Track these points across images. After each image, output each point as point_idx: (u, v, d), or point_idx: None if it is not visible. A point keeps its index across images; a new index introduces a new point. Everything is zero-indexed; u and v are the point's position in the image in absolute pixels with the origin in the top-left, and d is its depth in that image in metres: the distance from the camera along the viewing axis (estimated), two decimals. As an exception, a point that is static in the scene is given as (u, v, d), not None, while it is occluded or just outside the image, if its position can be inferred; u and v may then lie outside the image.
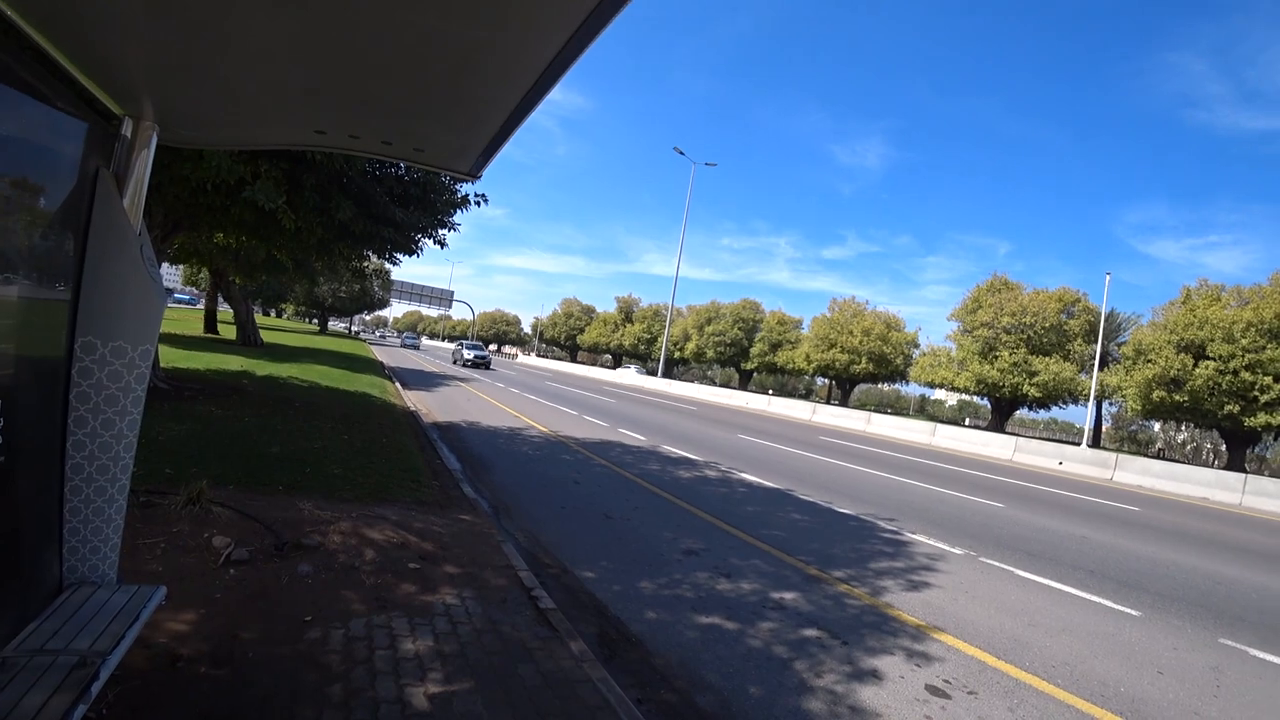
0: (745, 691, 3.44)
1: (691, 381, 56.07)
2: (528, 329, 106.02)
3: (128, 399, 2.22)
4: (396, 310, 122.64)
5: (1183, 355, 28.07)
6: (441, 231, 10.41)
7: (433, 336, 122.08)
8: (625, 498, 7.67)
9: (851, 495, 9.65)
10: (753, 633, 4.18)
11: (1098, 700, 3.81)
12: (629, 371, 57.11)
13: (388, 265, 39.00)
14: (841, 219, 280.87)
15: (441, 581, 4.10)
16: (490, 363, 40.17)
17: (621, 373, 55.68)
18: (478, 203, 10.00)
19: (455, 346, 46.51)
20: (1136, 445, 47.79)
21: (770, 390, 54.49)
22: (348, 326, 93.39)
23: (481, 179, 2.82)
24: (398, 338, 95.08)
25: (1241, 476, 16.89)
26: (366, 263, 13.97)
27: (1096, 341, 32.94)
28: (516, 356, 76.68)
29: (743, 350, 57.74)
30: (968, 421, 58.19)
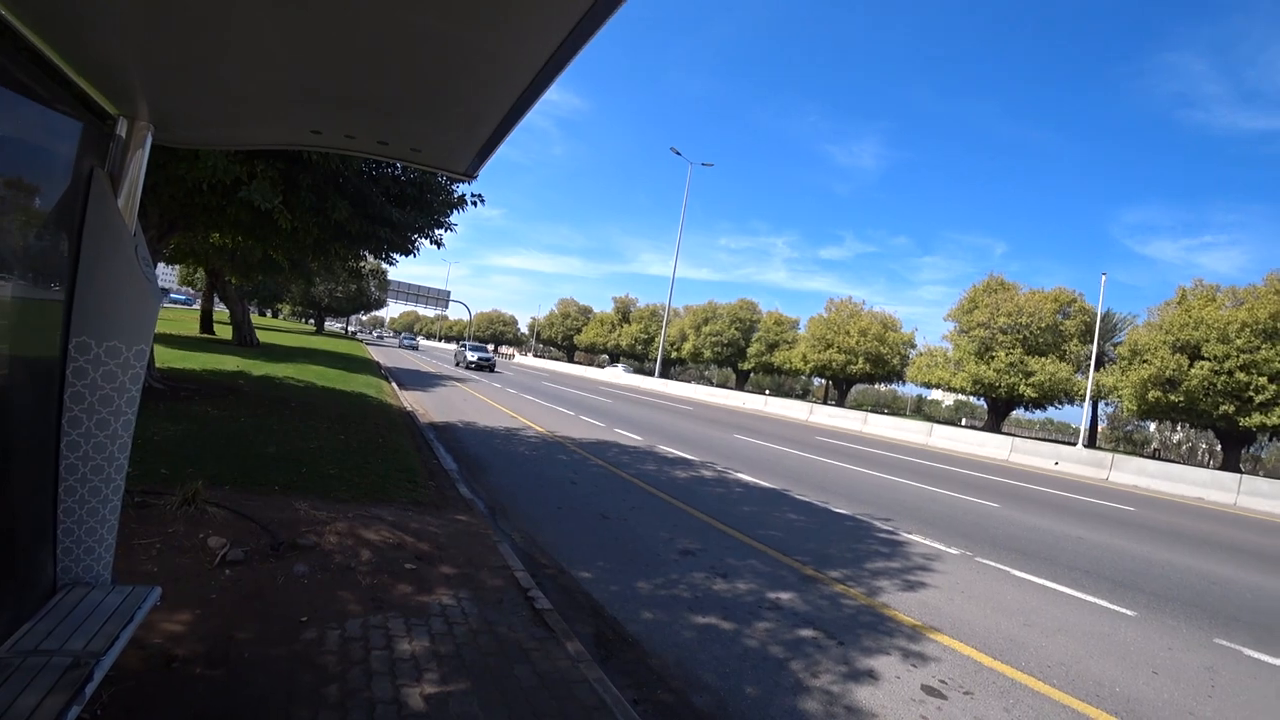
0: (742, 692, 3.44)
1: (688, 382, 56.09)
2: (524, 329, 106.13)
3: (122, 399, 2.22)
4: (393, 310, 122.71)
5: (1178, 355, 28.20)
6: (438, 231, 10.40)
7: (429, 337, 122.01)
8: (622, 498, 7.67)
9: (848, 495, 9.66)
10: (749, 633, 4.19)
11: (1093, 700, 3.82)
12: (616, 370, 57.50)
13: (384, 265, 38.80)
14: (839, 219, 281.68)
15: (437, 582, 4.10)
16: (495, 365, 38.45)
17: (610, 371, 56.17)
18: (474, 203, 10.00)
19: (457, 348, 44.21)
20: (1132, 445, 47.97)
21: (767, 390, 54.57)
22: (344, 327, 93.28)
23: (478, 179, 2.82)
24: (395, 338, 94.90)
25: (1236, 476, 16.97)
26: (363, 263, 13.95)
27: (1092, 342, 33.07)
28: (513, 357, 76.70)
29: (740, 350, 57.86)
30: (964, 422, 58.35)
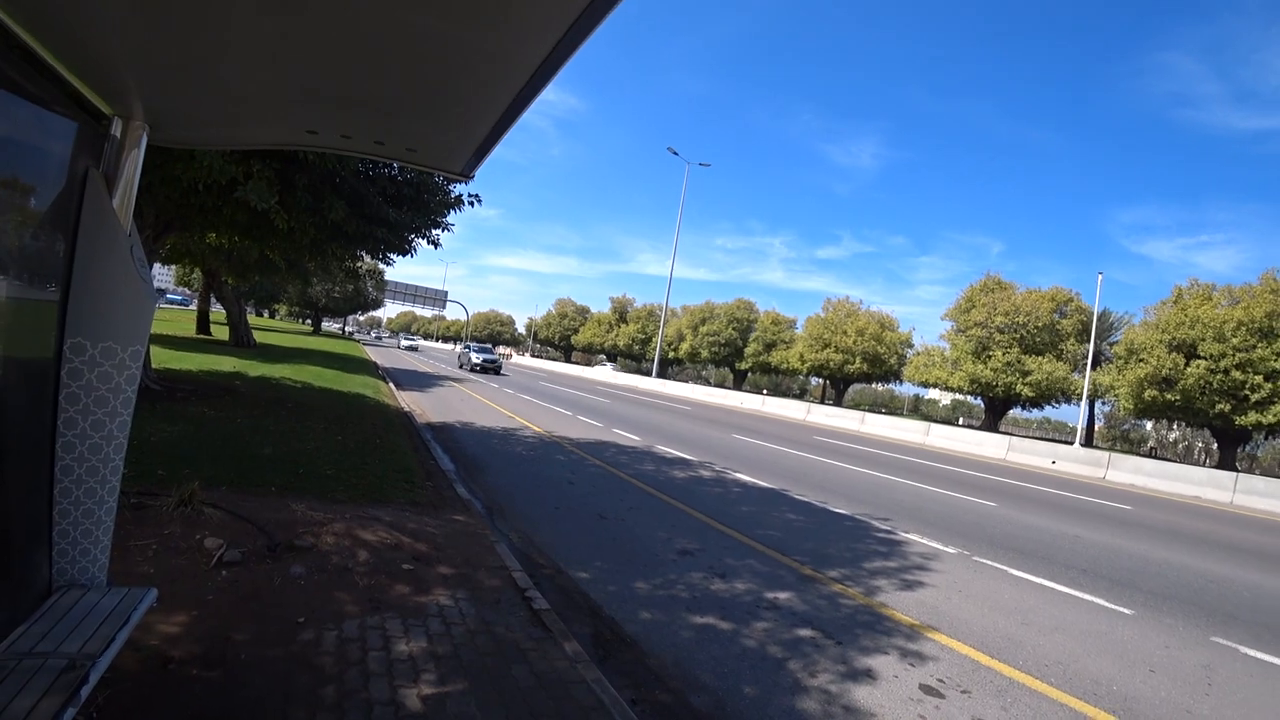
0: (740, 691, 3.44)
1: (686, 381, 56.15)
2: (522, 329, 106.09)
3: (118, 400, 2.21)
4: (390, 311, 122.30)
5: (1174, 354, 28.29)
6: (435, 231, 10.37)
7: (427, 337, 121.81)
8: (620, 498, 7.67)
9: (846, 495, 9.67)
10: (747, 633, 4.19)
11: (1090, 699, 3.83)
12: (605, 369, 58.08)
13: (381, 266, 38.49)
14: (836, 219, 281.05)
15: (435, 582, 4.09)
16: (501, 367, 36.35)
17: (599, 370, 56.72)
18: (471, 203, 9.97)
19: (460, 349, 41.89)
20: (1129, 444, 48.10)
21: (765, 390, 54.53)
22: (342, 327, 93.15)
23: (475, 179, 2.81)
24: (394, 338, 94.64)
25: (1233, 475, 17.03)
26: (360, 263, 13.90)
27: (1089, 341, 33.15)
28: (511, 357, 76.71)
29: (737, 350, 57.89)
30: (961, 421, 58.50)
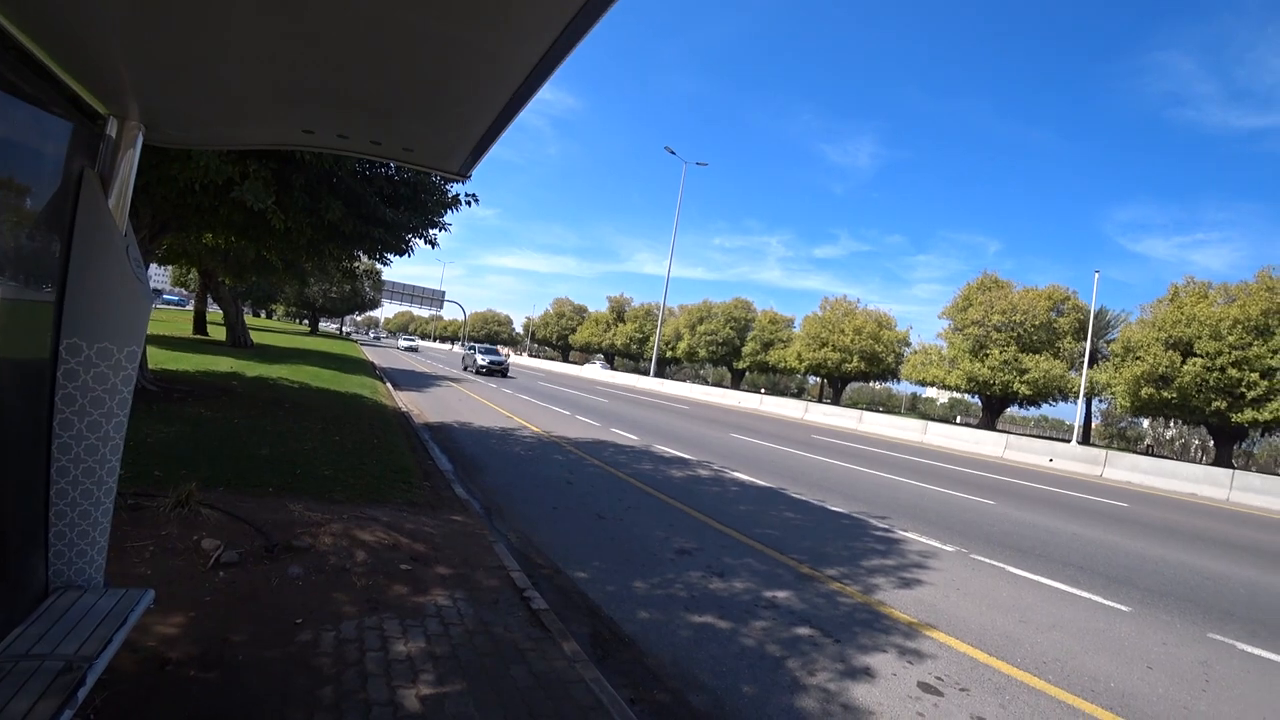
0: (738, 690, 3.44)
1: (684, 381, 56.16)
2: (519, 329, 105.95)
3: (114, 401, 2.20)
4: (388, 311, 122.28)
5: (1171, 352, 28.35)
6: (432, 231, 10.36)
7: (424, 337, 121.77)
8: (618, 497, 7.67)
9: (844, 493, 9.68)
10: (746, 632, 4.19)
11: (1088, 696, 3.84)
12: (594, 366, 59.47)
13: (378, 266, 38.26)
14: (833, 218, 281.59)
15: (433, 583, 4.08)
16: (508, 369, 34.26)
17: (587, 368, 57.59)
18: (468, 202, 9.97)
19: (465, 350, 38.96)
20: (1126, 442, 48.19)
21: (762, 389, 54.55)
22: (339, 327, 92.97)
23: (472, 179, 2.81)
24: (392, 338, 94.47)
25: (1229, 472, 17.08)
26: (357, 263, 13.87)
27: (1086, 339, 33.23)
28: (509, 356, 76.91)
29: (735, 349, 57.89)
30: (959, 419, 58.57)
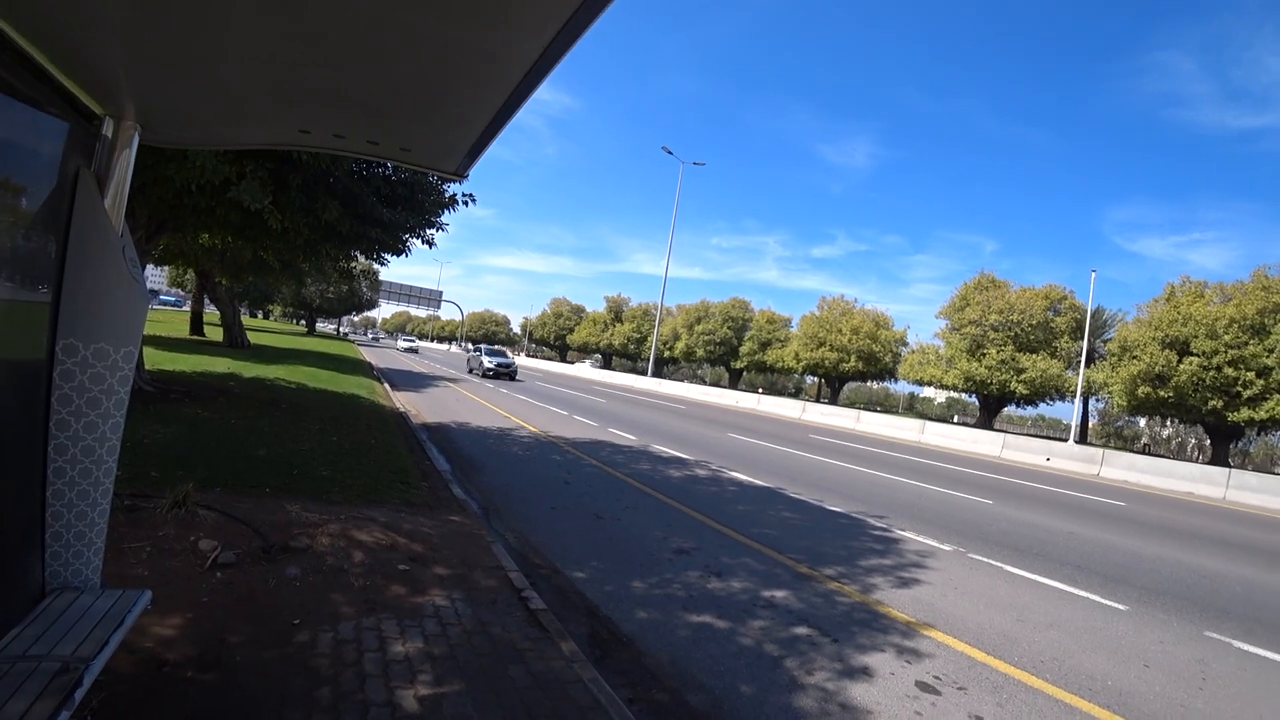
0: (737, 690, 3.45)
1: (681, 380, 56.24)
2: (517, 329, 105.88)
3: (110, 401, 2.19)
4: (385, 311, 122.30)
5: (1167, 351, 28.43)
6: (429, 231, 10.36)
7: (421, 337, 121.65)
8: (616, 497, 7.67)
9: (841, 493, 9.69)
10: (744, 631, 4.19)
11: (1085, 694, 3.85)
12: (585, 365, 61.01)
13: (375, 266, 38.19)
14: (830, 218, 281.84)
15: (431, 583, 4.08)
16: (516, 372, 32.30)
17: (578, 367, 58.89)
18: (465, 202, 9.97)
19: (471, 352, 36.33)
20: (1122, 441, 48.29)
21: (760, 389, 54.59)
22: (336, 328, 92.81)
23: (469, 179, 2.81)
24: (391, 338, 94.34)
25: (1225, 471, 17.13)
26: (354, 263, 13.86)
27: (1083, 338, 33.32)
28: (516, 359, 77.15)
29: (732, 349, 57.91)
30: (956, 419, 58.67)
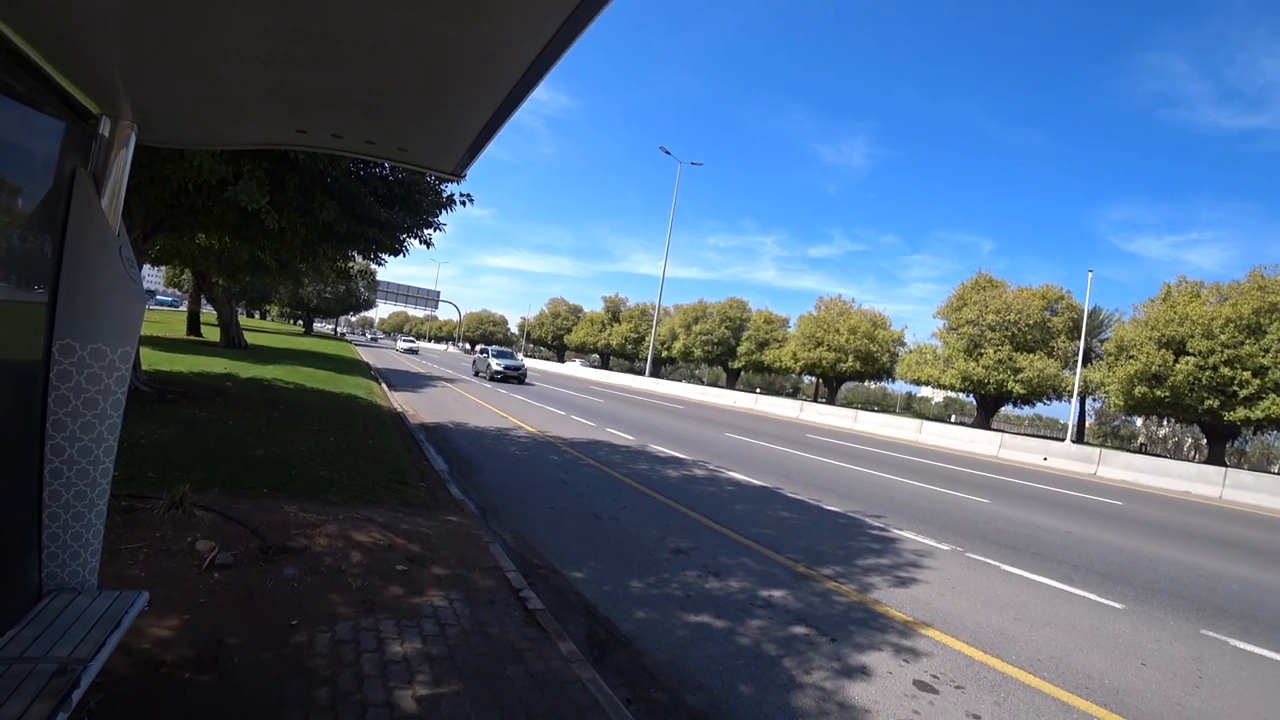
0: (735, 689, 3.45)
1: (679, 380, 56.32)
2: (514, 329, 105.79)
3: (107, 402, 2.19)
4: (382, 311, 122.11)
5: (1163, 351, 28.50)
6: (427, 231, 10.35)
7: (419, 337, 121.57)
8: (614, 497, 7.67)
9: (839, 492, 9.70)
10: (742, 631, 4.20)
11: (1082, 693, 3.86)
12: (575, 365, 62.15)
13: (373, 266, 38.19)
14: (828, 218, 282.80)
15: (429, 583, 4.08)
16: (526, 375, 29.99)
17: (569, 366, 60.06)
18: (463, 202, 9.97)
19: (477, 354, 33.54)
20: (1119, 440, 48.42)
21: (757, 389, 54.66)
22: (334, 328, 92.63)
23: (466, 179, 2.81)
24: (391, 339, 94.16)
25: (1221, 470, 17.18)
26: (351, 263, 13.86)
27: (1080, 338, 33.37)
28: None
29: (730, 349, 57.93)
30: (953, 418, 58.80)
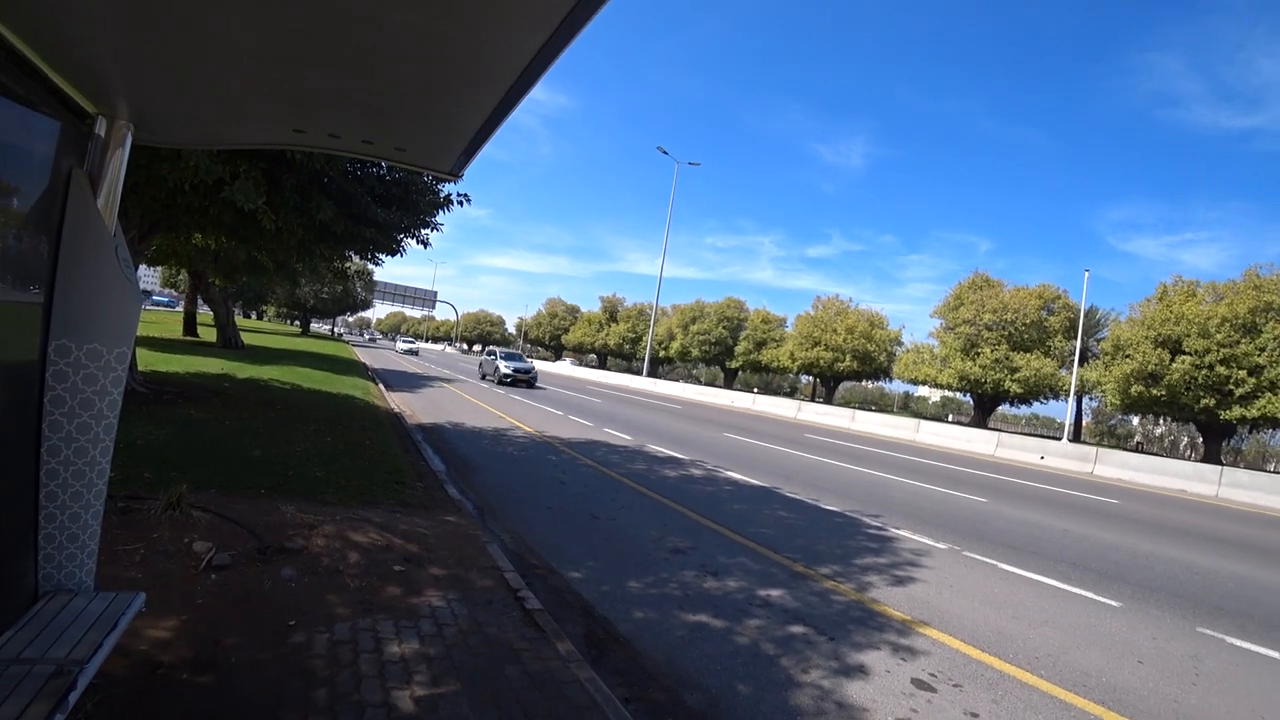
0: (733, 689, 3.45)
1: (676, 380, 56.32)
2: (512, 329, 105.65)
3: (104, 403, 2.18)
4: (379, 311, 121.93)
5: (1160, 350, 28.57)
6: (424, 231, 10.34)
7: (416, 337, 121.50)
8: (612, 497, 7.67)
9: (837, 492, 9.71)
10: (740, 630, 4.20)
11: (1080, 691, 3.87)
12: (564, 364, 62.90)
13: (370, 266, 38.11)
14: (825, 217, 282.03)
15: (426, 583, 4.07)
16: (536, 379, 28.55)
17: (559, 364, 60.68)
18: (460, 202, 9.95)
19: (484, 355, 32.28)
20: (1116, 439, 48.53)
21: (755, 389, 54.72)
22: (331, 328, 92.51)
23: (464, 178, 2.80)
24: (390, 339, 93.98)
25: (1218, 469, 17.23)
26: (348, 263, 13.84)
27: (1076, 337, 33.46)
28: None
29: (727, 349, 57.92)
30: (951, 418, 58.83)
